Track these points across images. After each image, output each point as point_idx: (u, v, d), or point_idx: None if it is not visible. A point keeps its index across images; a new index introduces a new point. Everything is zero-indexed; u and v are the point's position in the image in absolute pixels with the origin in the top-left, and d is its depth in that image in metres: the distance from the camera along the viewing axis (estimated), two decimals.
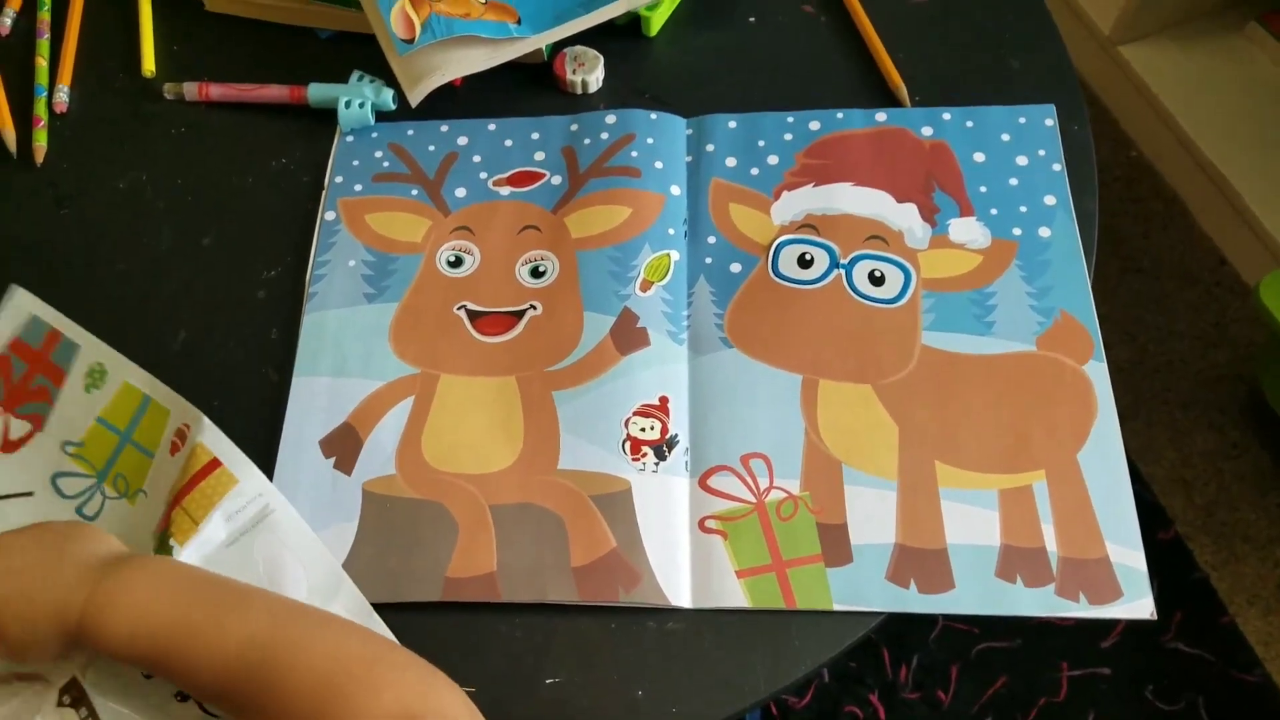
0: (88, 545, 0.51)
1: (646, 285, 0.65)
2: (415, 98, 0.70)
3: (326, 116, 0.73)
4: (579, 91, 0.74)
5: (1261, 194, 1.32)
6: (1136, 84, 1.45)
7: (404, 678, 0.45)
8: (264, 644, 0.45)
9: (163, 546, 0.54)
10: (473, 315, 0.65)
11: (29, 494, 0.59)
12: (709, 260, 0.66)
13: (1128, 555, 0.55)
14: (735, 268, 0.66)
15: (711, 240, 0.67)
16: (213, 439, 0.57)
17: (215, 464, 0.55)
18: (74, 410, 0.60)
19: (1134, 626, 1.15)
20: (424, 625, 0.55)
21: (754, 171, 0.69)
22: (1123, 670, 1.13)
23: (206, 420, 0.57)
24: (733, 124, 0.71)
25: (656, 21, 0.76)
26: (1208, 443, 1.27)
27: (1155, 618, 0.53)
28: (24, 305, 0.63)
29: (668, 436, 0.60)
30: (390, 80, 0.73)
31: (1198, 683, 1.12)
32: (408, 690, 0.45)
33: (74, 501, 0.59)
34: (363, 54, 0.75)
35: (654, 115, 0.71)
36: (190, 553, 0.54)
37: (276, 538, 0.55)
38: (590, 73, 0.73)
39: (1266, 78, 1.42)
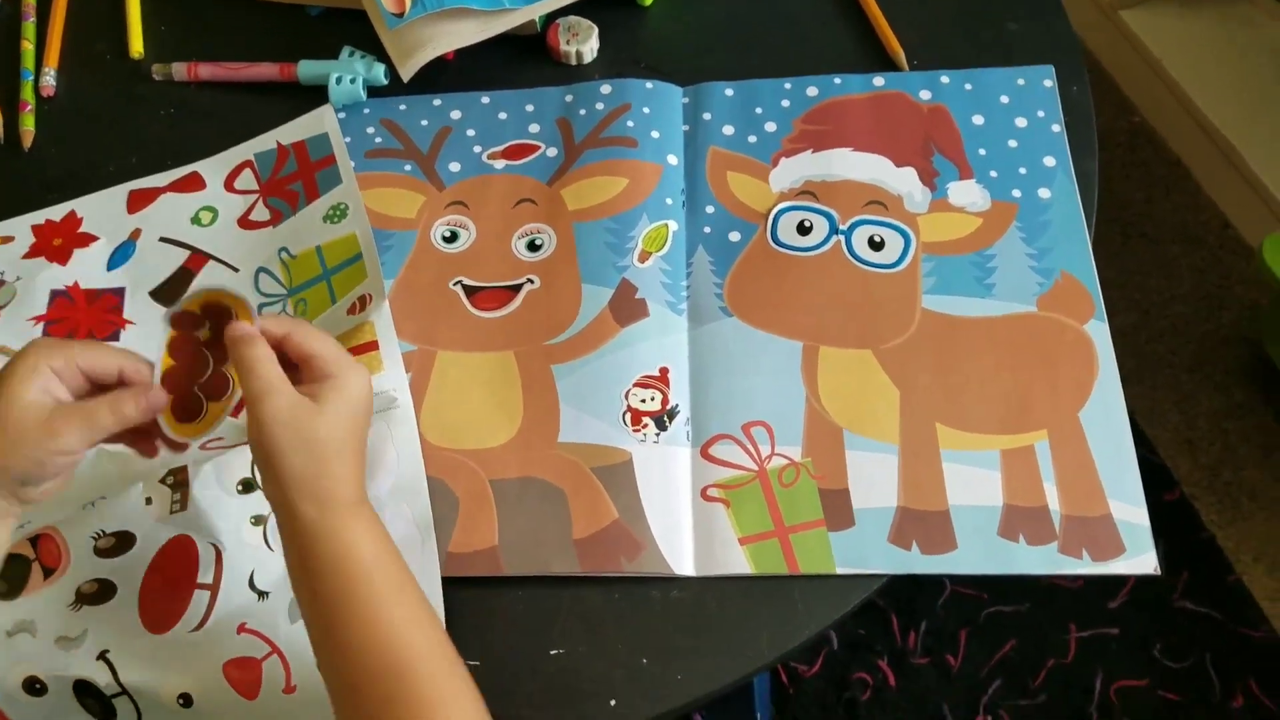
0: None
1: (645, 256, 0.64)
2: (407, 72, 0.70)
3: (318, 94, 0.72)
4: (573, 62, 0.73)
5: (1264, 156, 1.31)
6: (1138, 48, 1.43)
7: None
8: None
9: None
10: (469, 291, 0.64)
11: (236, 269, 0.64)
12: (707, 229, 0.66)
13: (1130, 512, 0.55)
14: (734, 236, 0.65)
15: (710, 209, 0.66)
16: (383, 324, 0.60)
17: (374, 345, 0.59)
18: (307, 228, 0.65)
19: (1142, 587, 1.15)
20: None
21: (751, 139, 0.69)
22: (1130, 630, 1.13)
23: (386, 304, 0.61)
24: (730, 92, 0.71)
25: None
26: (1212, 404, 1.26)
27: (1160, 573, 0.53)
28: (325, 121, 0.69)
29: (668, 407, 0.59)
30: (381, 55, 0.72)
31: (1205, 640, 1.12)
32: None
33: (261, 299, 0.63)
34: (353, 30, 0.74)
35: (650, 84, 0.71)
36: None
37: (389, 430, 0.58)
38: (584, 43, 0.73)
39: (1268, 40, 1.40)
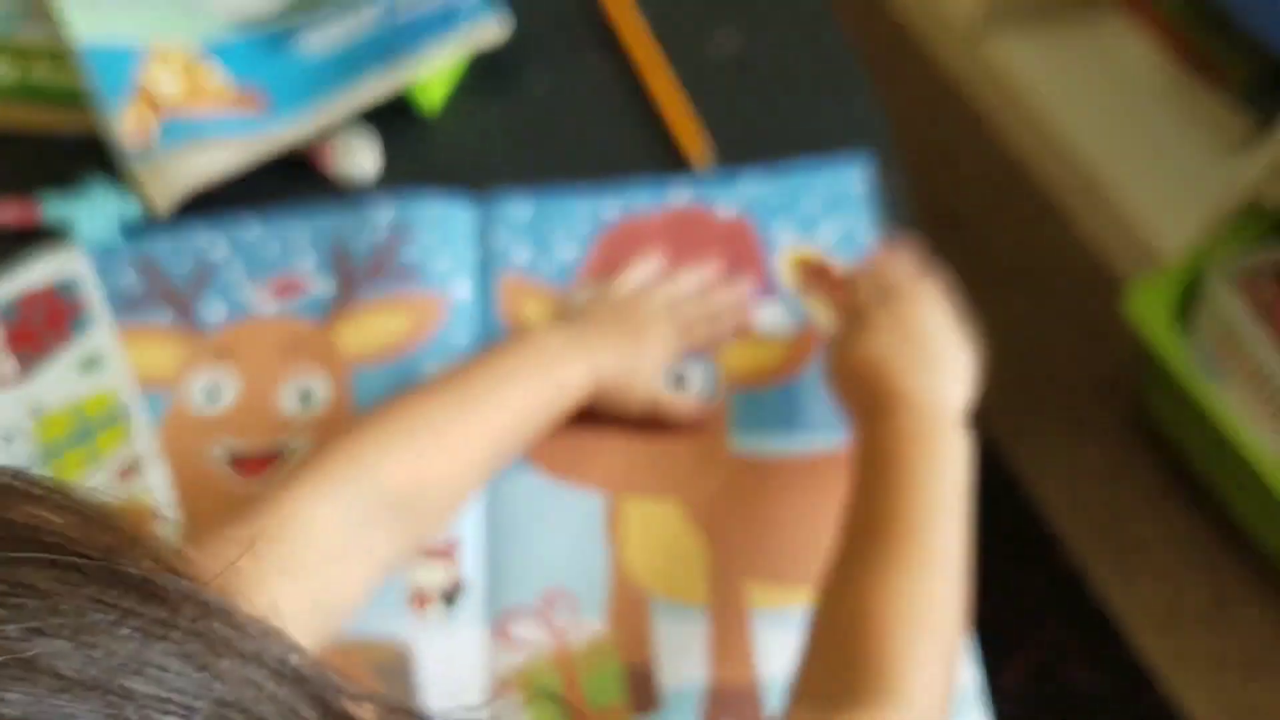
0: None
1: None
2: (162, 209, 0.63)
3: (66, 234, 0.64)
4: (351, 182, 0.67)
5: (1136, 194, 1.29)
6: (1001, 80, 1.42)
7: None
8: None
9: None
10: (233, 457, 0.57)
11: None
12: None
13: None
14: None
15: None
16: (161, 494, 0.55)
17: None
18: (58, 382, 0.59)
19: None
20: None
21: (548, 266, 0.63)
22: None
23: (159, 464, 0.56)
24: (526, 210, 0.64)
25: (433, 98, 0.68)
26: (1095, 460, 1.25)
27: None
28: (73, 265, 0.63)
29: (457, 583, 0.53)
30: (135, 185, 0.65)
31: None
32: None
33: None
34: (100, 159, 0.66)
35: (436, 205, 0.64)
36: None
37: None
38: (361, 160, 0.66)
39: (1132, 62, 1.39)
